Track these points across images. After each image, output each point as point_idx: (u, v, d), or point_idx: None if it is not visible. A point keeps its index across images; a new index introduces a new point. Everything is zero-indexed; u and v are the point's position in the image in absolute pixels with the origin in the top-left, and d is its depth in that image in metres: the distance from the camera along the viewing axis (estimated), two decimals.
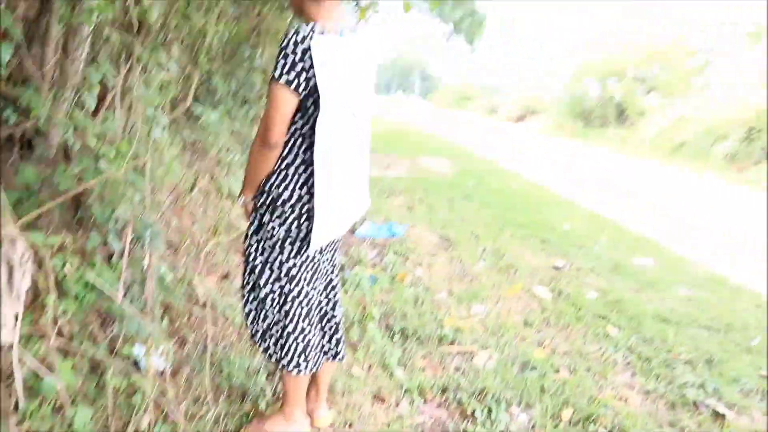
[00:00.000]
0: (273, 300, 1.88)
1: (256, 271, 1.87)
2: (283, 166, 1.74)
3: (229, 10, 4.10)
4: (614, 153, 18.98)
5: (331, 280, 2.07)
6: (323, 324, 2.08)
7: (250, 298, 1.92)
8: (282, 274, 1.84)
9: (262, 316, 1.92)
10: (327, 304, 2.08)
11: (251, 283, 1.90)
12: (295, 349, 1.90)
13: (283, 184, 1.75)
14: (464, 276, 4.18)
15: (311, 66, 1.58)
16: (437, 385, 2.63)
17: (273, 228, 1.80)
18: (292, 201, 1.75)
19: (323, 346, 2.08)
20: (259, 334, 1.95)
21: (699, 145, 18.28)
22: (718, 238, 6.87)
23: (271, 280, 1.86)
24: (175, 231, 3.58)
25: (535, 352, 3.05)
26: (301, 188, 1.74)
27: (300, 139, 1.71)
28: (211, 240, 3.77)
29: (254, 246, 1.87)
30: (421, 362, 2.85)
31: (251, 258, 1.88)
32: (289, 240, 1.80)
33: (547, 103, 31.04)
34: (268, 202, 1.78)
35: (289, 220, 1.77)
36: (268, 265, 1.85)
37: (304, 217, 1.76)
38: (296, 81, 1.60)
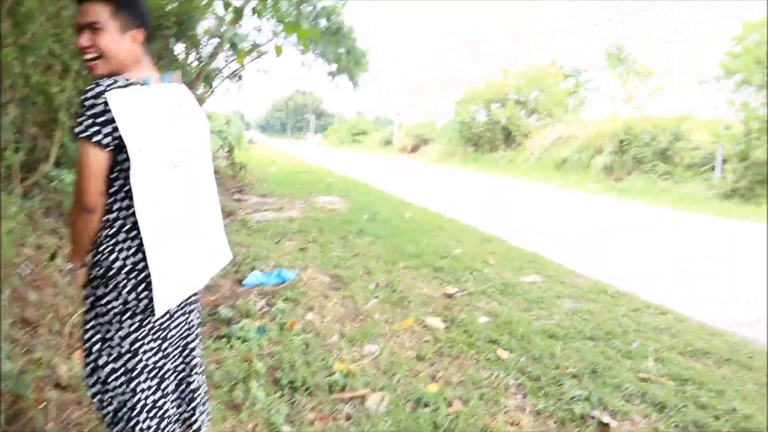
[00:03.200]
0: (118, 380, 1.70)
1: (94, 351, 1.69)
2: (111, 232, 1.60)
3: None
4: (504, 175, 19.89)
5: (188, 344, 1.91)
6: (180, 392, 1.92)
7: (93, 381, 1.73)
8: (123, 351, 1.67)
9: (108, 399, 1.73)
10: (183, 369, 1.92)
11: (91, 365, 1.71)
12: (149, 427, 1.73)
13: (114, 253, 1.60)
14: (357, 315, 4.10)
15: (114, 118, 1.47)
16: None
17: (108, 302, 1.63)
18: (127, 269, 1.60)
19: (180, 415, 1.91)
20: (109, 418, 1.76)
21: (579, 160, 19.62)
22: (599, 247, 7.29)
23: (111, 360, 1.68)
24: (35, 306, 3.26)
25: (428, 387, 3.01)
26: (135, 254, 1.60)
27: (126, 200, 1.58)
28: (79, 310, 3.46)
29: (90, 324, 1.69)
30: (311, 415, 2.72)
31: (88, 337, 1.70)
32: (128, 313, 1.64)
33: (438, 131, 32.19)
34: (100, 274, 1.62)
35: (126, 290, 1.61)
36: (108, 344, 1.68)
37: (143, 285, 1.61)
38: (100, 135, 1.49)
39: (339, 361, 3.28)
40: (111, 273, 1.61)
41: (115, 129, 1.48)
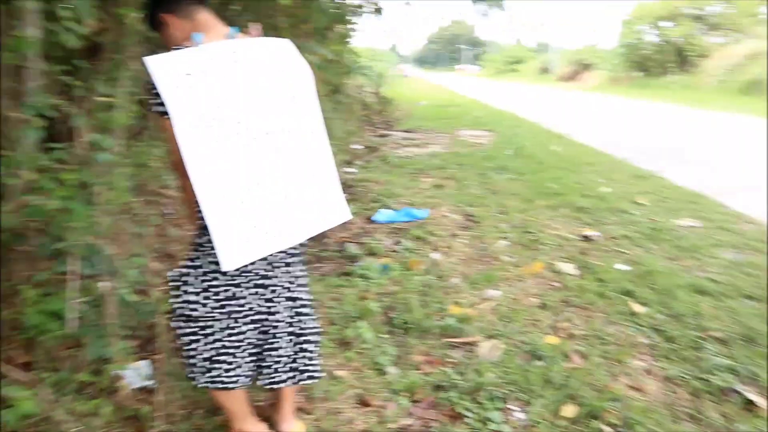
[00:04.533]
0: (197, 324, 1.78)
1: (190, 301, 1.75)
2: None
3: None
4: (677, 102, 17.82)
5: (293, 297, 1.91)
6: (292, 343, 1.94)
7: (184, 332, 1.81)
8: (213, 301, 1.74)
9: (195, 349, 1.81)
10: (293, 320, 1.92)
11: (184, 315, 1.78)
12: (211, 366, 1.80)
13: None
14: (483, 257, 3.97)
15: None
16: (431, 384, 2.47)
17: (201, 265, 1.72)
18: None
19: (290, 365, 1.94)
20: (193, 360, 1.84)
21: None
22: None
23: (202, 310, 1.75)
24: (176, 241, 3.53)
25: (547, 339, 2.83)
26: None
27: None
28: None
29: (186, 278, 1.75)
30: (420, 358, 2.69)
31: (181, 289, 1.76)
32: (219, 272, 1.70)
33: (602, 55, 29.52)
34: (197, 234, 1.72)
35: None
36: (197, 295, 1.74)
37: None
38: (160, 105, 1.50)
39: (455, 304, 3.21)
40: (203, 234, 1.66)
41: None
